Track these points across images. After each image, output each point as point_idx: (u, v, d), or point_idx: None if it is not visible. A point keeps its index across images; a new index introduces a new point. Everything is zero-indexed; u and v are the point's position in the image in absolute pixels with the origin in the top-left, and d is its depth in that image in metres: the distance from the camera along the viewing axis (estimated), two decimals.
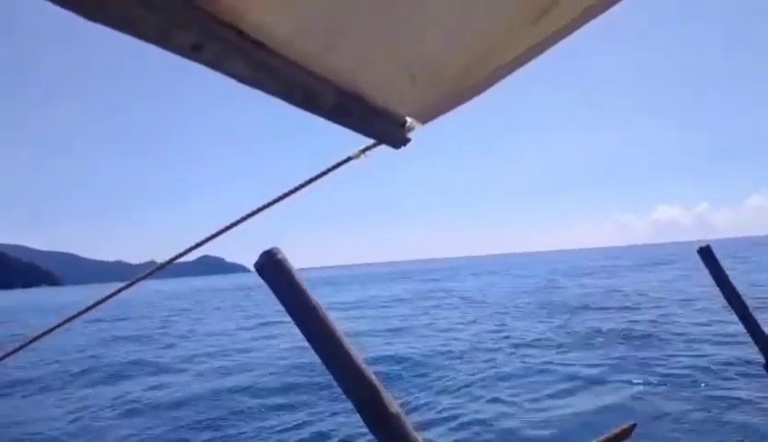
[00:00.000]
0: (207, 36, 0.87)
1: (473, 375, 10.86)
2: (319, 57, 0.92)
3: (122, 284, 1.27)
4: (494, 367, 11.31)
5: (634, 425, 1.47)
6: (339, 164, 1.10)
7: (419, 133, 1.10)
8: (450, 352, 13.27)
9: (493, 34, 0.91)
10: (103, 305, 1.27)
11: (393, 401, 1.56)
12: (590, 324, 15.72)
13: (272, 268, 1.67)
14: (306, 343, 1.63)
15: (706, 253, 2.85)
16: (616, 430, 1.46)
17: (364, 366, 1.61)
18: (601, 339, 13.37)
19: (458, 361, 12.24)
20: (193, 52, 0.87)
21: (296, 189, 1.13)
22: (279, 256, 1.67)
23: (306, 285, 1.65)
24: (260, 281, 1.64)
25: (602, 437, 1.50)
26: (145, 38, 0.82)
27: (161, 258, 1.30)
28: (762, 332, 2.77)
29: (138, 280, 1.30)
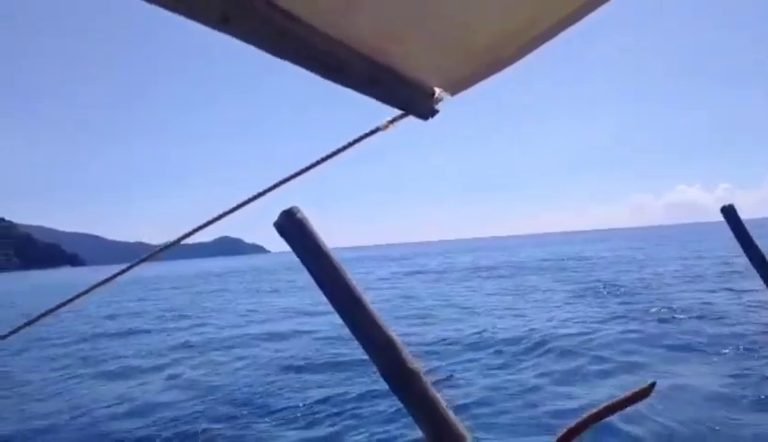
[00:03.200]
0: (235, 5, 0.84)
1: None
2: (347, 26, 0.89)
3: (131, 262, 1.29)
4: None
5: (654, 384, 1.45)
6: (366, 135, 1.08)
7: (447, 105, 1.07)
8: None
9: (528, 3, 0.87)
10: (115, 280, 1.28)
11: (413, 359, 1.60)
12: None
13: (292, 227, 1.67)
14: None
15: (729, 213, 2.79)
16: (635, 389, 1.45)
17: (383, 323, 1.64)
18: None
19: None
20: (221, 23, 0.84)
21: (322, 160, 1.12)
22: (299, 215, 1.66)
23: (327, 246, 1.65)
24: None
25: (621, 396, 1.48)
26: (172, 8, 0.79)
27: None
28: None
29: (145, 259, 1.31)
